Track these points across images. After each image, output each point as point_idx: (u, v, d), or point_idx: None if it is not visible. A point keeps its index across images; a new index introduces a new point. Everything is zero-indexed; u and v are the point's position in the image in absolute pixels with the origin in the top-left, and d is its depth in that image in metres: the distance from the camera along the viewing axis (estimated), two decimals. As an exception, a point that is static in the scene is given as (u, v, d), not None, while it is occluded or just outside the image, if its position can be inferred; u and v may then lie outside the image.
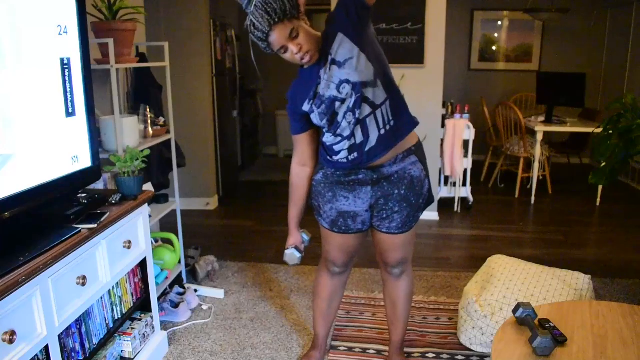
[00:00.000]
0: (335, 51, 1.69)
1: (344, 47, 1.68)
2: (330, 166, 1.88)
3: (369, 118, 1.74)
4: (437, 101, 4.04)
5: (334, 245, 2.01)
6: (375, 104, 1.74)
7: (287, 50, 1.63)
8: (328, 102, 1.73)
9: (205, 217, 4.39)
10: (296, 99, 1.82)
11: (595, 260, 3.45)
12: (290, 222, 2.05)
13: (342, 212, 1.90)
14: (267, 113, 6.75)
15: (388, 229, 1.91)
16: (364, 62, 1.69)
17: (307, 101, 1.78)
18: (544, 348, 1.48)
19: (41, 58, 1.67)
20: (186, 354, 2.35)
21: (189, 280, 3.03)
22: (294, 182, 1.99)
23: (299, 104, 1.81)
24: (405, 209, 1.86)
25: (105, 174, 2.26)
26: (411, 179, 1.84)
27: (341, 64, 1.69)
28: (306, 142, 1.92)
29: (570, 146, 5.53)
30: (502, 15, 6.33)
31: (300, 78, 1.83)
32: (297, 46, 1.62)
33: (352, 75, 1.69)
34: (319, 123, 1.80)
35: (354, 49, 1.68)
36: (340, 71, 1.69)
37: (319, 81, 1.73)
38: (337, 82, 1.70)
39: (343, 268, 2.10)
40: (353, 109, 1.72)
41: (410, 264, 2.09)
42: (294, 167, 1.98)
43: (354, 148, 1.78)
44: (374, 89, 1.72)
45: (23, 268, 1.42)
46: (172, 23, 4.19)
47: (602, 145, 2.44)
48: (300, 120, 1.86)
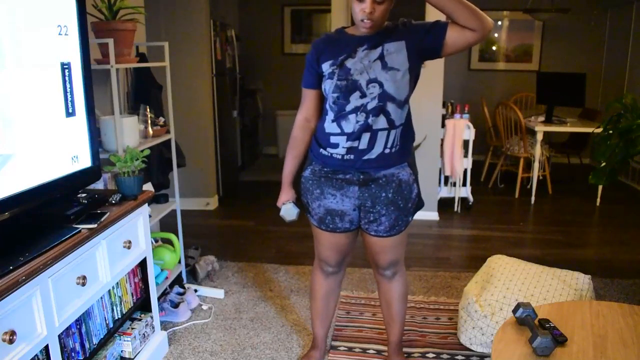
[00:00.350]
0: (389, 51, 1.70)
1: (400, 55, 1.71)
2: (320, 161, 1.87)
3: (382, 132, 1.76)
4: (437, 101, 4.04)
5: (325, 244, 2.01)
6: (394, 124, 1.77)
7: (364, 1, 1.62)
8: (351, 84, 1.72)
9: (205, 217, 4.39)
10: (321, 52, 1.79)
11: (595, 260, 3.45)
12: (284, 176, 2.01)
13: (329, 210, 1.90)
14: (267, 113, 6.75)
15: (376, 232, 1.91)
16: (405, 81, 1.73)
17: (330, 63, 1.76)
18: (544, 348, 1.48)
19: (41, 58, 1.67)
20: (186, 354, 2.35)
21: (189, 280, 3.03)
22: (297, 135, 1.96)
23: (322, 59, 1.78)
24: (393, 212, 1.86)
25: (105, 174, 2.26)
26: (399, 182, 1.84)
27: (387, 67, 1.70)
28: (315, 98, 1.89)
29: (570, 146, 5.53)
30: (502, 15, 6.33)
31: (335, 35, 1.82)
32: (371, 7, 1.62)
33: (389, 84, 1.71)
34: (328, 92, 1.77)
35: (405, 64, 1.71)
36: (382, 72, 1.70)
37: (353, 55, 1.72)
38: (372, 76, 1.70)
39: (336, 267, 2.10)
40: (369, 111, 1.72)
41: (403, 265, 2.09)
42: (299, 120, 1.94)
43: (353, 151, 1.78)
44: (397, 108, 1.75)
45: (23, 268, 1.42)
46: (172, 23, 4.19)
47: (602, 145, 2.44)
48: (316, 75, 1.84)
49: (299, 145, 1.96)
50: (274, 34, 6.61)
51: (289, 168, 2.00)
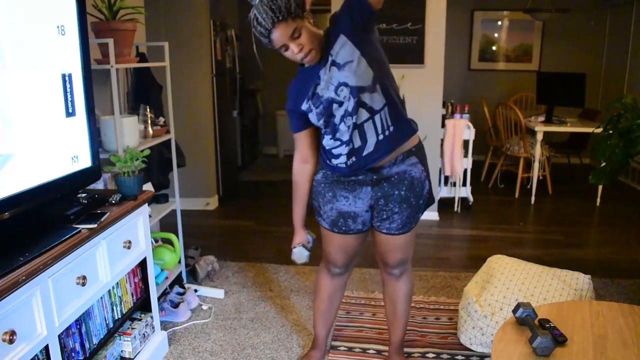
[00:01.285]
0: (336, 53, 1.68)
1: (345, 49, 1.68)
2: (329, 170, 1.88)
3: (367, 123, 1.74)
4: (437, 101, 4.04)
5: (335, 246, 2.01)
6: (374, 109, 1.73)
7: (288, 49, 1.63)
8: (326, 103, 1.73)
9: (205, 217, 4.39)
10: (296, 97, 1.82)
11: (595, 260, 3.45)
12: (295, 221, 2.05)
13: (342, 213, 1.90)
14: (267, 113, 6.75)
15: (388, 230, 1.91)
16: (363, 66, 1.69)
17: (305, 100, 1.78)
18: (544, 348, 1.48)
19: (41, 58, 1.67)
20: (186, 354, 2.35)
21: (189, 280, 3.03)
22: (297, 179, 1.99)
23: (298, 103, 1.81)
24: (406, 209, 1.86)
25: (105, 174, 2.26)
26: (411, 179, 1.84)
27: (341, 66, 1.68)
28: (307, 140, 1.92)
29: (570, 146, 5.53)
30: (502, 15, 6.33)
31: (299, 77, 1.83)
32: (298, 46, 1.62)
33: (350, 79, 1.68)
34: (316, 123, 1.80)
35: (354, 53, 1.67)
36: (340, 73, 1.69)
37: (319, 81, 1.73)
38: (335, 84, 1.70)
39: (343, 269, 2.10)
40: (351, 113, 1.72)
41: (410, 264, 2.09)
42: (296, 165, 1.97)
43: (352, 153, 1.78)
44: (371, 94, 1.71)
45: (23, 268, 1.42)
46: (172, 23, 4.19)
47: (602, 145, 2.44)
48: (300, 118, 1.86)
49: (302, 189, 1.99)
50: (273, 34, 6.59)
51: (298, 212, 2.04)
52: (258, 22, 1.58)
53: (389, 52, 4.05)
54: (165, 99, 2.97)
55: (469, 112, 4.38)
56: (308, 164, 1.96)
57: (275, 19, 1.55)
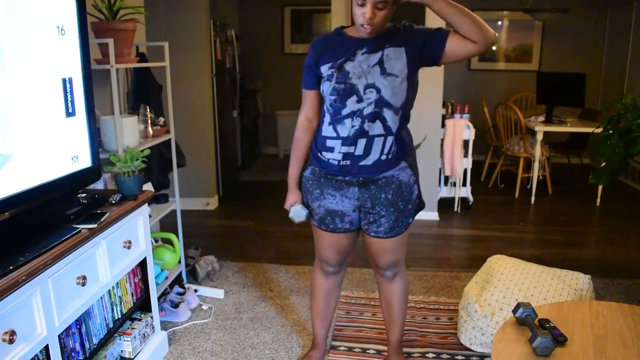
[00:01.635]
0: (389, 56, 1.70)
1: (399, 62, 1.70)
2: (318, 165, 1.87)
3: (378, 139, 1.76)
4: (437, 101, 4.04)
5: (325, 244, 2.01)
6: (391, 130, 1.76)
7: (365, 5, 1.62)
8: (349, 88, 1.72)
9: (205, 217, 4.39)
10: (320, 54, 1.79)
11: (595, 260, 3.45)
12: (291, 180, 2.00)
13: (329, 211, 1.90)
14: (267, 113, 6.75)
15: (376, 233, 1.90)
16: (403, 88, 1.72)
17: (329, 65, 1.75)
18: (544, 348, 1.48)
19: (41, 58, 1.67)
20: (186, 354, 2.35)
21: (189, 280, 3.03)
22: (299, 136, 1.95)
23: (320, 61, 1.78)
24: (393, 213, 1.86)
25: (105, 174, 2.26)
26: (399, 183, 1.83)
27: (386, 73, 1.70)
28: (315, 99, 1.89)
29: (570, 146, 5.53)
30: (502, 15, 6.33)
31: (333, 37, 1.81)
32: (372, 13, 1.61)
33: (387, 90, 1.70)
34: (326, 94, 1.78)
35: (403, 71, 1.70)
36: (380, 77, 1.70)
37: (353, 58, 1.72)
38: (370, 82, 1.70)
39: (337, 268, 2.10)
40: (364, 117, 1.72)
41: (404, 265, 2.09)
42: (301, 121, 1.93)
43: (349, 156, 1.78)
44: (394, 115, 1.74)
45: (23, 268, 1.42)
46: (172, 23, 4.19)
47: (602, 145, 2.45)
48: (314, 76, 1.83)
49: (302, 147, 1.95)
50: (274, 34, 6.61)
51: (294, 170, 1.99)
52: None
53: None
54: (165, 99, 2.97)
55: (469, 112, 4.38)
56: (312, 123, 1.93)
57: None
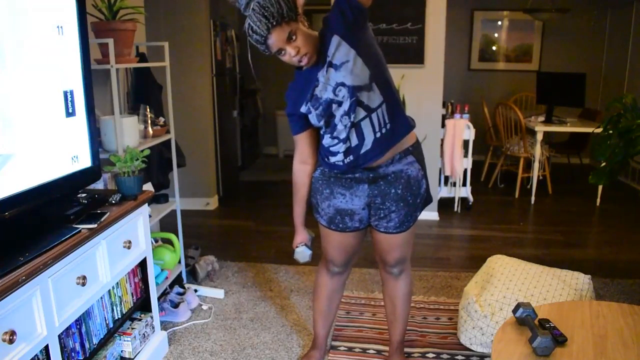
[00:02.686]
0: (332, 54, 1.69)
1: (341, 50, 1.68)
2: (327, 167, 1.89)
3: (364, 121, 1.74)
4: (437, 101, 4.04)
5: (333, 244, 2.01)
6: (371, 107, 1.73)
7: (285, 53, 1.64)
8: (325, 104, 1.74)
9: (205, 217, 4.39)
10: (295, 100, 1.83)
11: (595, 260, 3.45)
12: (296, 221, 2.06)
13: (339, 210, 1.90)
14: (267, 113, 6.75)
15: (386, 229, 1.91)
16: (360, 65, 1.69)
17: (304, 102, 1.78)
18: (544, 348, 1.48)
19: (41, 58, 1.67)
20: (186, 354, 2.35)
21: (189, 280, 3.03)
22: (297, 180, 1.99)
23: (297, 106, 1.81)
24: (403, 208, 1.86)
25: (105, 174, 2.26)
26: (408, 178, 1.84)
27: (338, 67, 1.69)
28: (306, 141, 1.93)
29: (570, 146, 5.53)
30: (502, 15, 6.33)
31: (297, 80, 1.83)
32: (294, 49, 1.62)
33: (347, 79, 1.68)
34: (317, 124, 1.80)
35: (350, 52, 1.68)
36: (337, 74, 1.69)
37: (317, 83, 1.74)
38: (333, 85, 1.71)
39: (342, 268, 2.10)
40: (349, 112, 1.72)
41: (409, 263, 2.10)
42: (296, 165, 1.98)
43: (350, 151, 1.79)
44: (369, 92, 1.72)
45: (23, 268, 1.42)
46: (172, 23, 4.19)
47: (602, 145, 2.44)
48: (299, 120, 1.87)
49: (302, 190, 2.00)
50: (274, 34, 6.59)
51: (298, 211, 2.04)
52: (253, 31, 1.59)
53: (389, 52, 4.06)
54: (165, 99, 2.97)
55: (469, 112, 4.38)
56: (307, 165, 1.96)
57: (269, 25, 1.56)
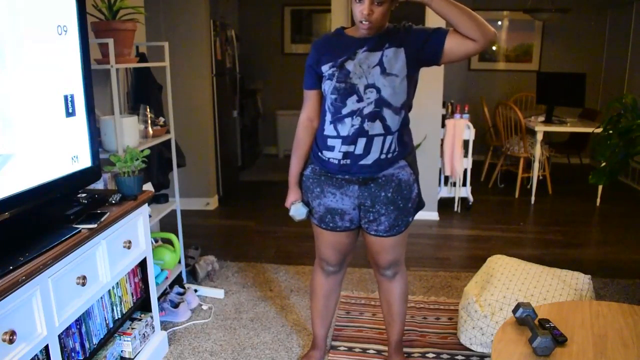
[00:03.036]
0: (388, 56, 1.70)
1: (398, 62, 1.71)
2: (318, 164, 1.88)
3: (378, 139, 1.76)
4: (437, 101, 4.03)
5: (325, 243, 2.01)
6: (391, 130, 1.77)
7: (362, 2, 1.63)
8: (350, 87, 1.73)
9: (205, 217, 4.39)
10: (321, 53, 1.80)
11: (595, 260, 3.45)
12: (291, 178, 2.00)
13: (329, 209, 1.90)
14: (267, 113, 6.75)
15: (376, 232, 1.91)
16: (403, 87, 1.73)
17: (330, 65, 1.76)
18: (544, 348, 1.48)
19: (41, 58, 1.66)
20: (186, 354, 2.35)
21: (189, 280, 3.03)
22: (300, 135, 1.95)
23: (322, 61, 1.78)
24: (393, 212, 1.86)
25: (105, 174, 2.26)
26: (399, 182, 1.84)
27: (386, 72, 1.70)
28: (316, 98, 1.90)
29: (570, 146, 5.53)
30: (502, 15, 6.33)
31: (335, 37, 1.81)
32: (369, 9, 1.63)
33: (386, 90, 1.71)
34: (327, 93, 1.78)
35: (403, 71, 1.71)
36: (380, 76, 1.70)
37: (353, 57, 1.72)
38: (370, 82, 1.71)
39: (337, 267, 2.10)
40: (363, 116, 1.73)
41: (403, 265, 2.09)
42: (302, 121, 1.94)
43: (349, 156, 1.79)
44: (394, 115, 1.75)
45: (23, 268, 1.42)
46: (172, 23, 4.19)
47: (602, 145, 2.44)
48: (315, 76, 1.84)
49: (303, 146, 1.96)
50: (274, 34, 6.60)
51: (294, 169, 1.99)
52: None
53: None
54: (165, 99, 2.97)
55: (469, 112, 4.38)
56: (313, 122, 1.93)
57: None
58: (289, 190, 2.02)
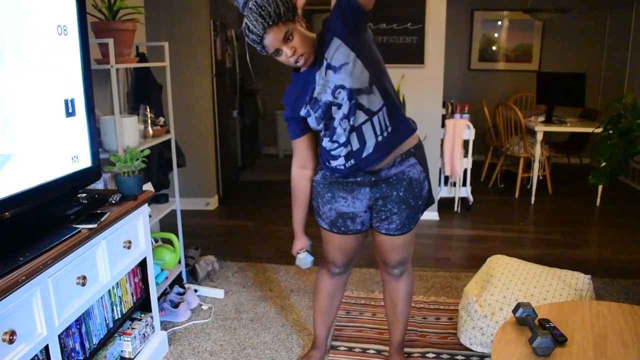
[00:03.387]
0: (331, 56, 1.68)
1: (340, 52, 1.67)
2: (328, 171, 1.89)
3: (365, 125, 1.74)
4: (437, 101, 4.03)
5: (334, 246, 2.01)
6: (372, 110, 1.72)
7: (281, 54, 1.63)
8: (324, 106, 1.73)
9: (205, 217, 4.39)
10: (293, 104, 1.81)
11: (595, 260, 3.45)
12: (296, 226, 2.05)
13: (341, 213, 1.90)
14: (267, 113, 6.75)
15: (387, 230, 1.91)
16: (359, 68, 1.68)
17: (303, 105, 1.77)
18: (544, 348, 1.48)
19: (41, 58, 1.66)
20: (186, 354, 2.35)
21: (189, 280, 3.03)
22: (296, 185, 1.98)
23: (297, 109, 1.80)
24: (404, 210, 1.86)
25: (105, 174, 2.26)
26: (410, 180, 1.84)
27: (337, 69, 1.68)
28: (305, 146, 1.92)
29: (570, 146, 5.53)
30: (502, 15, 6.33)
31: (295, 83, 1.82)
32: (291, 49, 1.62)
33: (347, 81, 1.67)
34: (316, 127, 1.80)
35: (349, 55, 1.66)
36: (336, 76, 1.68)
37: (315, 85, 1.73)
38: (332, 87, 1.70)
39: (343, 269, 2.10)
40: (348, 115, 1.71)
41: (410, 265, 2.09)
42: (295, 171, 1.97)
43: (351, 155, 1.78)
44: (369, 95, 1.71)
45: (23, 268, 1.42)
46: (172, 23, 4.19)
47: (602, 145, 2.44)
48: (298, 124, 1.86)
49: (301, 196, 1.99)
50: (274, 34, 6.59)
51: (298, 217, 2.03)
52: (250, 30, 1.58)
53: (389, 52, 4.06)
54: (165, 99, 2.97)
55: (469, 112, 4.38)
56: (307, 170, 1.96)
57: (265, 24, 1.55)
58: (295, 238, 2.06)
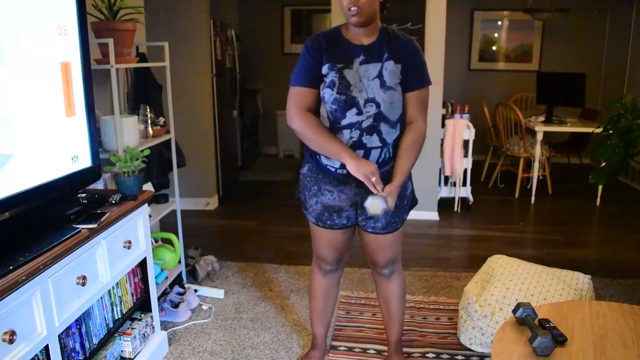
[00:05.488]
0: (387, 69, 1.72)
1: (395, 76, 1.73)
2: (317, 167, 1.89)
3: (375, 150, 1.78)
4: (437, 101, 4.03)
5: (322, 242, 2.02)
6: (387, 142, 1.79)
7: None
8: (349, 101, 1.72)
9: (205, 217, 4.39)
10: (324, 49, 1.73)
11: (595, 260, 3.45)
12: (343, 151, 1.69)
13: (326, 206, 1.90)
14: (267, 113, 6.75)
15: (373, 229, 1.92)
16: (400, 102, 1.75)
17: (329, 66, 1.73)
18: (544, 348, 1.48)
19: (41, 58, 1.67)
20: (186, 354, 2.35)
21: (189, 280, 3.03)
22: (309, 122, 1.73)
23: (323, 59, 1.73)
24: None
25: (105, 174, 2.26)
26: None
27: (385, 86, 1.71)
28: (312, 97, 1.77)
29: (570, 146, 5.53)
30: (502, 15, 6.32)
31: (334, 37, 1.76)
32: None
33: (385, 105, 1.72)
34: (326, 100, 1.75)
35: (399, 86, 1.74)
36: (380, 91, 1.71)
37: (351, 66, 1.71)
38: (370, 96, 1.71)
39: (334, 266, 2.10)
40: (363, 129, 1.74)
41: (400, 264, 2.10)
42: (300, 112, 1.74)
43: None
44: (391, 129, 1.77)
45: (23, 268, 1.42)
46: (172, 23, 4.19)
47: (602, 145, 2.44)
48: (316, 70, 1.74)
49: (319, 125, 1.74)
50: (274, 34, 6.60)
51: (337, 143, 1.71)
52: None
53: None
54: (165, 99, 2.97)
55: (469, 112, 4.38)
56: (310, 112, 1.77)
57: None
58: (356, 162, 1.67)
